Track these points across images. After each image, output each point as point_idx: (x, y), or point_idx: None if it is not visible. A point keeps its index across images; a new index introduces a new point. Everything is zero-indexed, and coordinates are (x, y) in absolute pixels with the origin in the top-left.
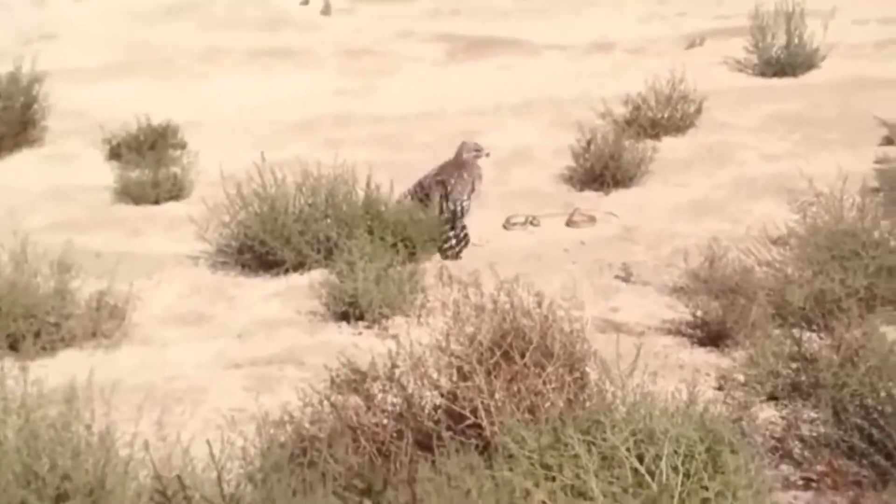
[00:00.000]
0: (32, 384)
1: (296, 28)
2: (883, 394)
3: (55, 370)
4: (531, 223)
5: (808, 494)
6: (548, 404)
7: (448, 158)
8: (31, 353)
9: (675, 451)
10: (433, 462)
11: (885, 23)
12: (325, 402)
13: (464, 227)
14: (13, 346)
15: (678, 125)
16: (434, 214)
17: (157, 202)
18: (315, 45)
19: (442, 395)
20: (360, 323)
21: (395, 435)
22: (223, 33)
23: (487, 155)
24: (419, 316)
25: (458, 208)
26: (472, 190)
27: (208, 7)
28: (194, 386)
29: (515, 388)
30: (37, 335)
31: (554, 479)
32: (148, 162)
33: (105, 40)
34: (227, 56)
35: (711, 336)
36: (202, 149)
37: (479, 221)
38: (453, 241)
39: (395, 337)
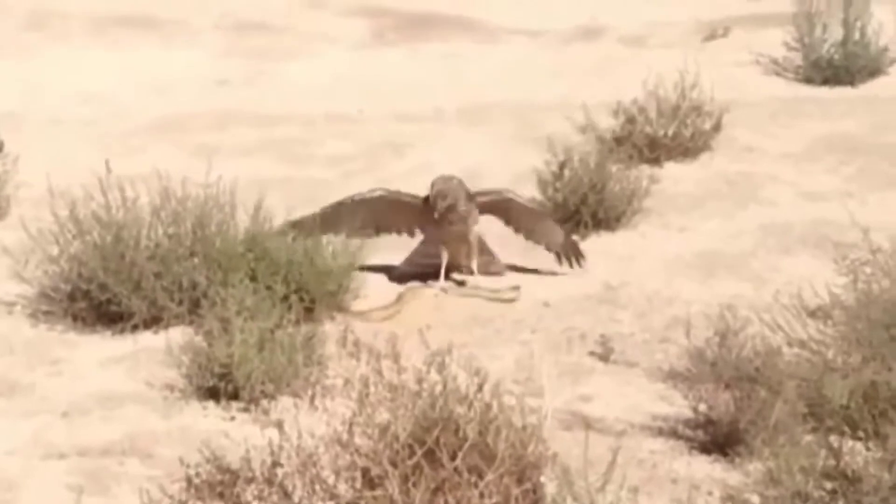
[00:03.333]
0: None
1: None
2: None
3: None
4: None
5: None
6: None
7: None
8: None
9: None
10: None
11: None
12: None
13: None
14: None
15: (687, 147)
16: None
17: None
18: (189, 14)
19: None
20: (234, 403)
21: None
22: None
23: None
24: (313, 397)
25: None
26: None
27: None
28: None
29: (442, 502)
30: None
31: None
32: None
33: None
34: (63, 23)
35: (718, 440)
36: (25, 152)
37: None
38: None
39: (279, 424)
